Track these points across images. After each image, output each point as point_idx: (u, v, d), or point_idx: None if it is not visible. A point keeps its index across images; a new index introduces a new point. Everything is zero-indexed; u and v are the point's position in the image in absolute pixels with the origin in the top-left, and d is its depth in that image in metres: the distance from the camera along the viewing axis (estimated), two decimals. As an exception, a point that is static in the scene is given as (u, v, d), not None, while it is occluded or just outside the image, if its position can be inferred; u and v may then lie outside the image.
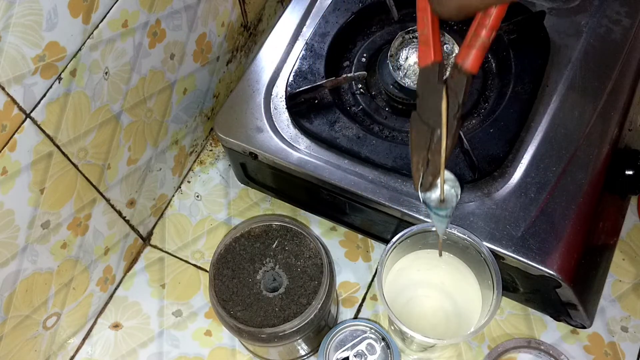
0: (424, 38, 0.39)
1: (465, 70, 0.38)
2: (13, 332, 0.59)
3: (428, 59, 0.39)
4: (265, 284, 0.59)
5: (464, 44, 0.37)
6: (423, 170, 0.43)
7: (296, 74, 0.68)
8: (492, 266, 0.57)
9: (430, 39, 0.38)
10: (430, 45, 0.38)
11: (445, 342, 0.56)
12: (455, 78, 0.38)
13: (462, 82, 0.38)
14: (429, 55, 0.39)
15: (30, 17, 0.46)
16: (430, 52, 0.39)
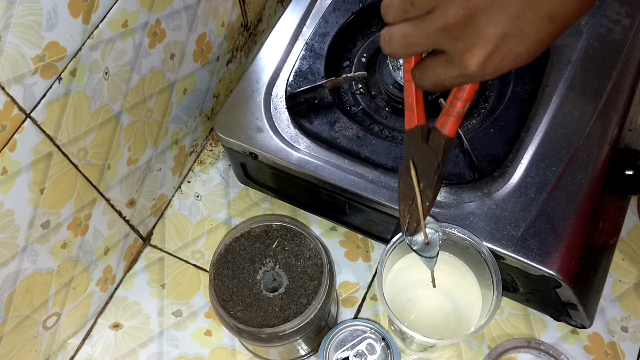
0: (409, 105, 0.44)
1: (444, 134, 0.43)
2: (13, 332, 0.59)
3: (413, 122, 0.44)
4: (265, 284, 0.59)
5: (442, 112, 0.42)
6: (409, 217, 0.49)
7: (296, 74, 0.68)
8: (492, 266, 0.57)
9: (414, 106, 0.43)
10: (415, 112, 0.44)
11: (445, 342, 0.56)
12: (435, 140, 0.44)
13: (441, 144, 0.44)
14: (414, 119, 0.44)
15: (30, 17, 0.46)
16: (415, 117, 0.44)
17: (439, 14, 0.36)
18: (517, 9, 0.34)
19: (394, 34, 0.39)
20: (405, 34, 0.38)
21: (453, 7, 0.35)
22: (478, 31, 0.35)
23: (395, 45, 0.39)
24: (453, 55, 0.37)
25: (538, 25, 0.34)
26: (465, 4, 0.35)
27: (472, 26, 0.35)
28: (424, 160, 0.46)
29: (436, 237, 0.53)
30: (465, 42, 0.36)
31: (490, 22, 0.35)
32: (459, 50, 0.36)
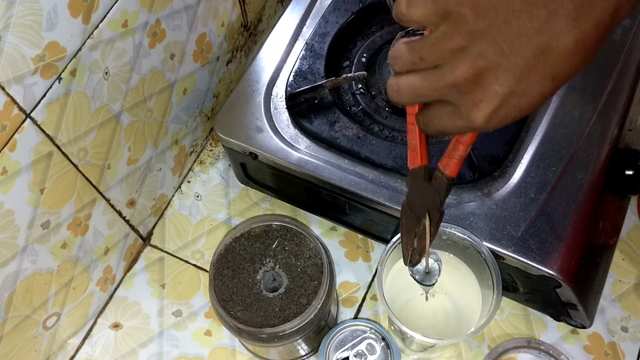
0: (412, 146, 0.46)
1: (446, 175, 0.45)
2: (13, 332, 0.59)
3: (416, 163, 0.46)
4: (265, 284, 0.59)
5: (445, 154, 0.45)
6: (411, 250, 0.52)
7: (296, 74, 0.68)
8: (492, 266, 0.57)
9: (418, 148, 0.45)
10: (418, 153, 0.46)
11: (445, 342, 0.56)
12: (438, 180, 0.46)
13: (444, 184, 0.46)
14: (417, 160, 0.46)
15: (30, 17, 0.46)
16: (418, 158, 0.46)
17: (447, 70, 0.37)
18: (522, 70, 0.36)
19: (401, 84, 0.39)
20: (413, 86, 0.39)
21: (462, 66, 0.36)
22: (485, 88, 0.37)
23: (403, 95, 0.40)
24: (459, 107, 0.38)
25: (541, 84, 0.36)
26: (473, 63, 0.36)
27: (479, 84, 0.36)
28: (426, 198, 0.48)
29: (436, 266, 0.57)
30: (473, 98, 0.37)
31: (497, 81, 0.36)
32: (466, 104, 0.38)
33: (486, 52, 0.36)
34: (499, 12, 0.35)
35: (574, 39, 0.35)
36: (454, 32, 0.36)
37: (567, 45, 0.35)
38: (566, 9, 0.34)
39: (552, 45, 0.35)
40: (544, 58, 0.35)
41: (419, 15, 0.37)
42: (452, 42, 0.36)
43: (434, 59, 0.37)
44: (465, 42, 0.36)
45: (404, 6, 0.37)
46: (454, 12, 0.36)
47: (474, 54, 0.36)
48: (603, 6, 0.34)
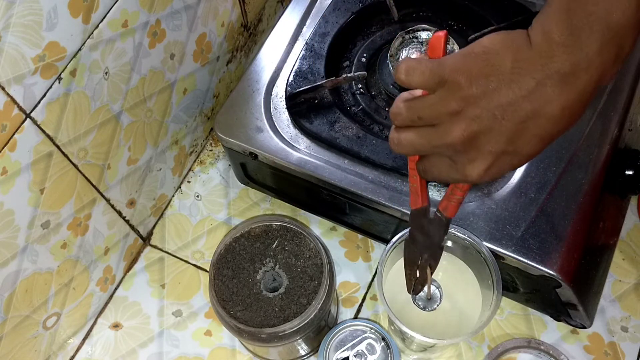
0: (414, 189, 0.49)
1: (445, 216, 0.49)
2: (13, 332, 0.59)
3: (418, 204, 0.50)
4: (265, 284, 0.59)
5: (444, 197, 0.48)
6: (414, 280, 0.56)
7: (296, 74, 0.68)
8: (492, 266, 0.57)
9: (419, 191, 0.49)
10: (419, 195, 0.49)
11: (445, 342, 0.56)
12: (438, 220, 0.50)
13: (443, 223, 0.50)
14: (419, 202, 0.49)
15: (30, 17, 0.46)
16: (419, 200, 0.49)
17: (443, 130, 0.40)
18: (512, 134, 0.39)
19: (402, 139, 0.43)
20: (412, 142, 0.42)
21: (457, 129, 0.40)
22: (479, 149, 0.40)
23: (403, 148, 0.43)
24: (456, 164, 0.41)
25: (530, 144, 0.40)
26: (468, 127, 0.39)
27: (473, 144, 0.40)
28: (427, 236, 0.52)
29: (437, 292, 0.61)
30: (468, 156, 0.41)
31: (489, 142, 0.40)
32: (461, 161, 0.41)
33: (480, 117, 0.39)
34: (490, 81, 0.38)
35: (561, 106, 0.38)
36: (449, 97, 0.39)
37: (554, 112, 0.38)
38: (553, 80, 0.37)
39: (540, 112, 0.38)
40: (533, 123, 0.39)
41: (416, 83, 0.40)
42: (448, 107, 0.39)
43: (431, 119, 0.41)
44: (460, 107, 0.39)
45: (403, 75, 0.40)
46: (450, 80, 0.39)
47: (468, 118, 0.39)
48: (587, 76, 0.37)
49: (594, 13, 0.36)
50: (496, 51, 0.38)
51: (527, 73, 0.37)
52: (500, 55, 0.38)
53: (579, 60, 0.37)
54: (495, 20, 0.68)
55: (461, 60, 0.39)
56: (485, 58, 0.38)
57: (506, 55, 0.38)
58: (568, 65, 0.37)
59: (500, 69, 0.38)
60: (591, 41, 0.36)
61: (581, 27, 0.36)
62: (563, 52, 0.37)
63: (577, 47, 0.37)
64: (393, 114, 0.43)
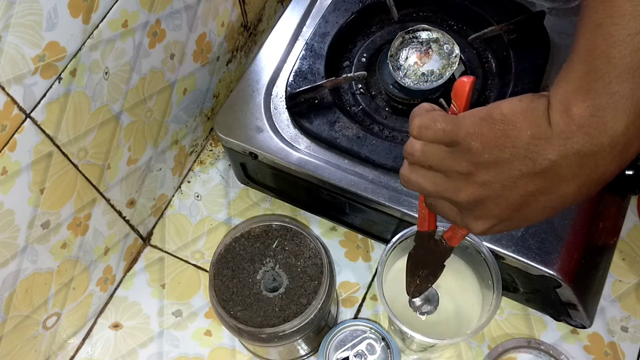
0: (422, 215, 0.50)
1: (448, 245, 0.50)
2: (13, 332, 0.59)
3: (424, 227, 0.51)
4: (265, 284, 0.59)
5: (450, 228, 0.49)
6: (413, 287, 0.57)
7: (296, 74, 0.68)
8: (492, 266, 0.57)
9: (426, 217, 0.50)
10: (426, 221, 0.50)
11: (445, 342, 0.56)
12: (441, 246, 0.51)
13: (446, 250, 0.51)
14: (425, 226, 0.51)
15: (30, 17, 0.46)
16: (426, 225, 0.50)
17: (452, 187, 0.40)
18: (521, 202, 0.38)
19: (411, 179, 0.43)
20: (421, 186, 0.42)
21: (465, 191, 0.40)
22: (485, 210, 0.40)
23: (412, 187, 0.43)
24: (461, 215, 0.42)
25: (541, 213, 0.39)
26: (477, 190, 0.39)
27: (480, 206, 0.40)
28: (430, 255, 0.53)
29: (435, 297, 0.62)
30: (473, 214, 0.41)
31: (496, 207, 0.39)
32: (466, 216, 0.41)
33: (489, 184, 0.38)
34: (504, 151, 0.37)
35: (577, 186, 0.37)
36: (461, 158, 0.39)
37: (569, 190, 0.37)
38: (570, 160, 0.36)
39: (552, 189, 0.37)
40: (544, 197, 0.38)
41: (429, 138, 0.40)
42: (459, 166, 0.39)
43: (441, 171, 0.41)
44: (470, 170, 0.39)
45: (416, 130, 0.40)
46: (463, 143, 0.38)
47: (477, 183, 0.39)
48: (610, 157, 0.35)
49: (619, 92, 0.34)
50: (514, 123, 0.37)
51: (543, 152, 0.36)
52: (517, 127, 0.37)
53: (602, 142, 0.35)
54: (495, 20, 0.68)
55: (477, 125, 0.38)
56: (502, 128, 0.37)
57: (524, 129, 0.36)
58: (589, 147, 0.35)
59: (515, 142, 0.37)
60: (616, 122, 0.34)
61: (604, 107, 0.34)
62: (584, 134, 0.35)
63: (599, 128, 0.34)
64: (406, 152, 0.42)
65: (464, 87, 0.41)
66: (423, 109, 0.40)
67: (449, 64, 0.64)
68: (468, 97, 0.41)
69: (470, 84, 0.40)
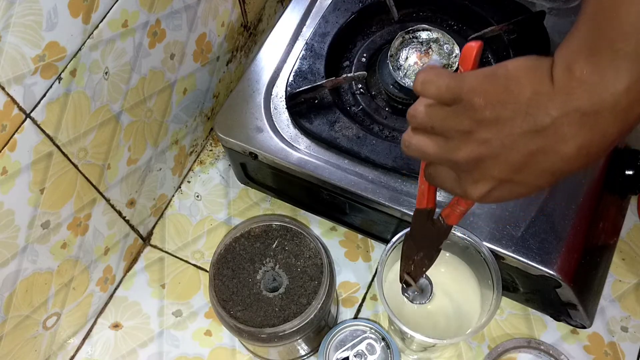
0: (421, 190, 0.49)
1: (447, 223, 0.49)
2: (13, 332, 0.59)
3: (422, 205, 0.50)
4: (265, 284, 0.59)
5: (449, 204, 0.48)
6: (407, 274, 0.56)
7: (296, 74, 0.68)
8: (492, 266, 0.57)
9: (426, 192, 0.49)
10: (425, 197, 0.49)
11: (445, 342, 0.56)
12: (439, 225, 0.50)
13: (443, 229, 0.51)
14: (423, 203, 0.49)
15: (30, 17, 0.46)
16: (425, 201, 0.49)
17: (452, 147, 0.40)
18: (521, 162, 0.38)
19: (412, 143, 0.42)
20: (421, 150, 0.42)
21: (465, 149, 0.39)
22: (483, 172, 0.39)
23: (412, 153, 0.43)
24: (460, 180, 0.41)
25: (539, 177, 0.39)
26: (476, 148, 0.39)
27: (479, 166, 0.39)
28: (426, 235, 0.52)
29: (428, 287, 0.62)
30: (472, 177, 0.40)
31: (495, 167, 0.39)
32: (464, 179, 0.41)
33: (489, 142, 0.38)
34: (506, 108, 0.37)
35: (577, 145, 0.36)
36: (463, 115, 0.38)
37: (568, 151, 0.36)
38: (571, 118, 0.35)
39: (552, 149, 0.37)
40: (543, 157, 0.37)
41: (431, 95, 0.40)
42: (460, 124, 0.39)
43: (443, 131, 0.40)
44: (471, 128, 0.38)
45: (419, 84, 0.40)
46: (465, 100, 0.38)
47: (477, 141, 0.38)
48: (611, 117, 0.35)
49: (622, 50, 0.33)
50: (517, 79, 0.37)
51: (544, 108, 0.36)
52: (520, 84, 0.36)
53: (603, 99, 0.34)
54: (495, 20, 0.68)
55: (481, 81, 0.38)
56: (506, 84, 0.37)
57: (526, 85, 0.36)
58: (589, 104, 0.35)
59: (518, 98, 0.36)
60: (618, 80, 0.34)
61: (607, 64, 0.34)
62: (585, 90, 0.35)
63: (601, 86, 0.34)
64: (409, 114, 0.42)
65: (472, 51, 0.40)
66: (428, 67, 0.40)
67: (449, 64, 0.64)
68: (475, 61, 0.40)
69: (477, 48, 0.40)
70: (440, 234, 0.51)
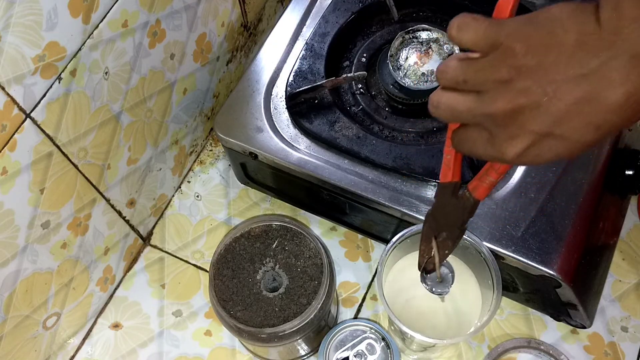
0: (447, 161, 0.45)
1: (474, 197, 0.45)
2: (13, 332, 0.59)
3: (447, 178, 0.46)
4: (265, 284, 0.59)
5: (477, 176, 0.44)
6: (427, 258, 0.52)
7: (296, 74, 0.68)
8: (492, 266, 0.57)
9: (452, 164, 0.45)
10: (451, 169, 0.45)
11: (445, 342, 0.56)
12: (465, 199, 0.46)
13: (470, 204, 0.46)
14: (449, 176, 0.46)
15: (30, 17, 0.46)
16: (450, 174, 0.46)
17: (487, 99, 0.36)
18: (562, 115, 0.35)
19: (442, 102, 0.39)
20: (452, 107, 0.38)
21: (502, 99, 0.36)
22: (522, 125, 0.36)
23: (441, 112, 0.39)
24: (494, 139, 0.37)
25: (583, 132, 0.35)
26: (514, 98, 0.35)
27: (516, 120, 0.36)
28: (450, 213, 0.48)
29: (449, 276, 0.57)
30: (508, 132, 0.36)
31: (534, 120, 0.35)
32: (500, 136, 0.37)
33: (529, 90, 0.35)
34: (550, 52, 0.34)
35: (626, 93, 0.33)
36: (501, 63, 0.36)
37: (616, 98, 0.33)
38: (620, 61, 0.33)
39: (598, 96, 0.34)
40: (589, 107, 0.34)
41: (468, 40, 0.37)
42: (498, 73, 0.36)
43: (477, 84, 0.37)
44: (510, 76, 0.35)
45: (455, 29, 0.37)
46: (504, 45, 0.35)
47: (516, 90, 0.35)
48: None
49: None
50: (562, 21, 0.34)
51: (590, 50, 0.33)
52: (565, 26, 0.34)
53: None
54: (495, 20, 0.68)
55: (522, 25, 0.35)
56: (549, 27, 0.34)
57: (571, 28, 0.33)
58: None
59: (562, 41, 0.34)
60: None
61: None
62: (635, 30, 0.32)
63: None
64: (439, 71, 0.39)
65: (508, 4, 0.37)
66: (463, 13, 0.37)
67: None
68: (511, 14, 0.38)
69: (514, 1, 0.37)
70: (466, 211, 0.47)
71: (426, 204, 0.61)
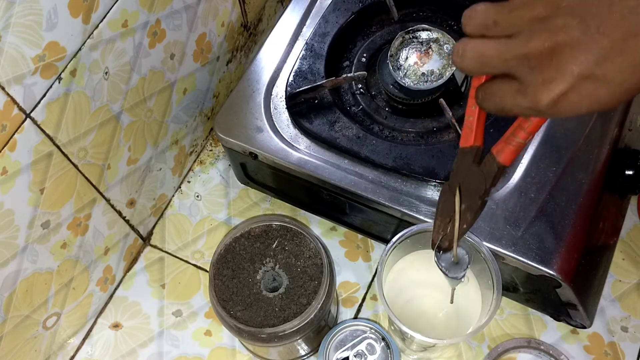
0: (468, 123, 0.42)
1: (498, 162, 0.41)
2: (13, 332, 0.59)
3: (469, 142, 0.42)
4: (265, 284, 0.59)
5: (502, 138, 0.41)
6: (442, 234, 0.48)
7: (296, 74, 0.68)
8: (492, 266, 0.56)
9: (474, 126, 0.42)
10: (473, 131, 0.42)
11: (445, 342, 0.56)
12: (488, 165, 0.42)
13: (493, 170, 0.42)
14: (470, 139, 0.42)
15: (30, 17, 0.46)
16: (472, 137, 0.42)
17: (521, 40, 0.33)
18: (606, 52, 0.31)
19: (468, 49, 0.36)
20: (481, 53, 0.35)
21: (538, 37, 0.33)
22: (560, 66, 0.32)
23: (468, 61, 0.36)
24: (527, 86, 0.34)
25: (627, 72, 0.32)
26: (552, 36, 0.32)
27: (554, 60, 0.33)
28: (471, 182, 0.44)
29: (466, 258, 0.52)
30: (544, 75, 0.33)
31: (575, 59, 0.32)
32: (534, 82, 0.34)
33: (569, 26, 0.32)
34: None
35: None
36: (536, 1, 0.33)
37: None
38: None
39: None
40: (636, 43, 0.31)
41: None
42: (534, 10, 0.33)
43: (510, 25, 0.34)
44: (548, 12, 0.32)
45: None
46: None
47: (554, 26, 0.32)
48: None
49: None
50: None
51: None
52: None
53: None
54: (495, 20, 0.68)
55: None
56: None
57: None
58: None
59: None
60: None
61: None
62: None
63: None
64: (466, 16, 0.35)
65: None
66: None
67: (449, 64, 0.64)
68: None
69: None
70: (489, 178, 0.43)
71: (426, 204, 0.61)
